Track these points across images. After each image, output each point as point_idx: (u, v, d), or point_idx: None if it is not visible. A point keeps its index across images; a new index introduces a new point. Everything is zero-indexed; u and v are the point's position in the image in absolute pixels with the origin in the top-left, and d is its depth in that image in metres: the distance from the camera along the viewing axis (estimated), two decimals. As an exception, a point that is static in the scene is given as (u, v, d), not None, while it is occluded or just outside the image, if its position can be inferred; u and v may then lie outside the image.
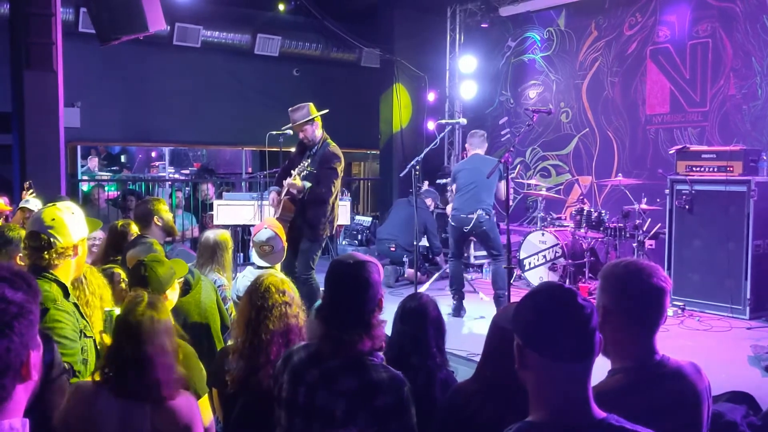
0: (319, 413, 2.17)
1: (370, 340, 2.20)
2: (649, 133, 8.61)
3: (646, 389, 1.92)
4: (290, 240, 5.76)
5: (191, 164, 14.52)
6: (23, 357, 1.28)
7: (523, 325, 1.62)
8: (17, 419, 1.29)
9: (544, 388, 1.58)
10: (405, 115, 10.94)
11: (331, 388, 2.16)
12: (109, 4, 6.09)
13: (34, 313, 1.32)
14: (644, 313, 1.98)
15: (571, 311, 1.56)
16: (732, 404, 3.48)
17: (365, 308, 2.22)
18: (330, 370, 2.19)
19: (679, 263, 6.87)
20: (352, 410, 2.11)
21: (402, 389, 2.15)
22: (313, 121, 5.73)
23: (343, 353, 2.19)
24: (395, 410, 2.12)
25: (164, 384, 2.25)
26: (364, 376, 2.14)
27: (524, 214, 9.70)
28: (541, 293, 1.65)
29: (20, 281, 1.32)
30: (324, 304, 2.30)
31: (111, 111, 10.36)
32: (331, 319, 2.22)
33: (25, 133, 6.72)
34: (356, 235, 10.22)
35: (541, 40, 9.93)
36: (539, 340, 1.57)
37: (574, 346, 1.55)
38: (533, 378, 1.60)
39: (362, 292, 2.22)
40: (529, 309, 1.62)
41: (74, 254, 2.69)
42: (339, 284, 2.27)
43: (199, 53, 10.61)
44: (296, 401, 2.23)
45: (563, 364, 1.55)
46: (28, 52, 6.57)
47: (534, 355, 1.57)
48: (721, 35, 7.85)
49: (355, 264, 2.26)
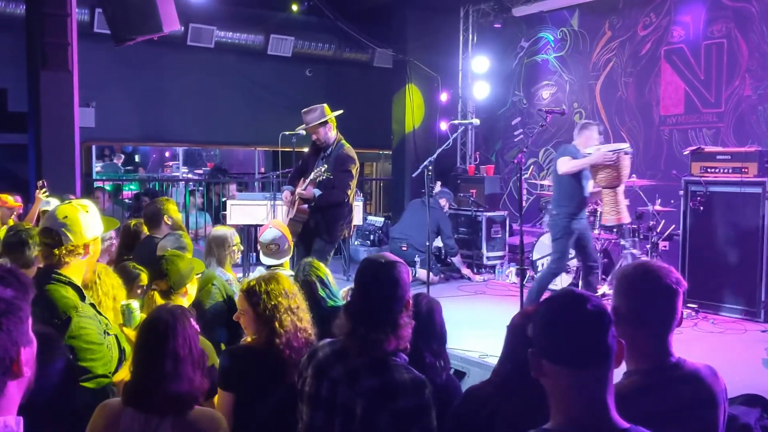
0: (340, 409, 2.19)
1: (396, 339, 2.21)
2: (663, 134, 8.56)
3: (662, 391, 1.91)
4: (304, 239, 5.79)
5: (204, 164, 14.58)
6: (13, 354, 1.28)
7: (535, 333, 1.63)
8: (11, 417, 1.30)
9: (560, 395, 1.58)
10: (417, 115, 10.94)
11: (353, 386, 2.17)
12: (124, 4, 6.13)
13: (24, 310, 1.32)
14: (657, 314, 1.97)
15: (580, 317, 1.56)
16: (746, 407, 3.45)
17: (394, 308, 2.23)
18: (354, 368, 2.20)
19: (693, 265, 6.81)
20: (373, 410, 2.12)
21: (423, 392, 2.16)
22: (326, 122, 5.70)
23: (368, 352, 2.20)
24: (416, 412, 2.13)
25: (186, 396, 2.21)
26: (387, 377, 2.16)
27: (537, 215, 9.67)
28: (554, 301, 1.65)
29: (10, 278, 1.33)
30: (353, 302, 2.32)
31: (125, 111, 10.43)
32: (359, 317, 2.24)
33: (41, 133, 6.77)
34: (368, 236, 10.23)
35: (554, 40, 9.89)
36: (550, 348, 1.58)
37: (586, 352, 1.55)
38: (550, 385, 1.60)
39: (392, 292, 2.24)
40: (541, 317, 1.63)
41: (85, 253, 2.68)
42: (370, 283, 2.29)
43: (213, 54, 10.66)
44: (319, 396, 2.25)
45: (577, 371, 1.55)
46: (44, 52, 6.62)
47: (547, 363, 1.57)
48: (737, 36, 7.79)
49: (387, 264, 2.29)
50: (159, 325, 2.28)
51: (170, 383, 2.18)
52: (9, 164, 10.15)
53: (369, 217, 10.68)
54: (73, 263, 2.65)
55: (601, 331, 1.56)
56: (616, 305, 2.00)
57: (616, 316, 1.96)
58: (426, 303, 3.01)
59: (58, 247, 2.61)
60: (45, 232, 2.66)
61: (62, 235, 2.61)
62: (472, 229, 9.12)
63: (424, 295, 3.15)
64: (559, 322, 1.58)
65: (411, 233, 8.44)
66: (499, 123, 10.66)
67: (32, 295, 1.38)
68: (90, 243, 2.70)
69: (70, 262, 2.64)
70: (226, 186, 10.50)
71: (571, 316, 1.57)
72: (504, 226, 9.26)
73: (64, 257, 2.62)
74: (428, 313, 2.97)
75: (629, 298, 1.99)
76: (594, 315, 1.56)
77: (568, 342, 1.55)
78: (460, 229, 9.33)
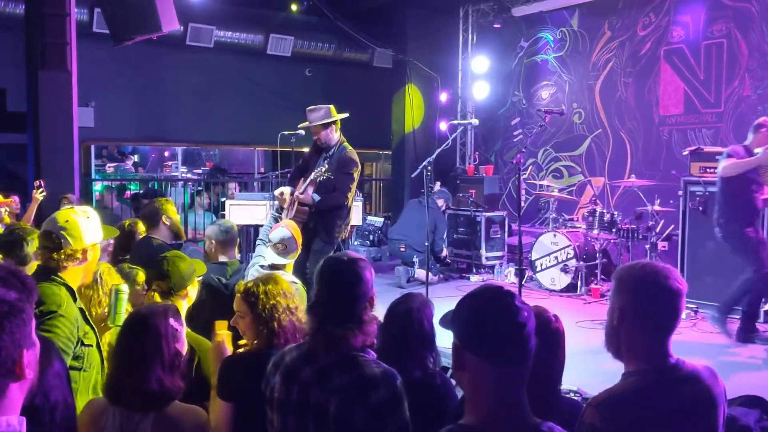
0: (313, 411, 2.18)
1: (362, 335, 2.21)
2: (662, 134, 8.56)
3: (661, 393, 1.90)
4: (303, 240, 5.78)
5: (204, 164, 14.59)
6: (15, 356, 1.28)
7: (460, 324, 1.65)
8: (14, 416, 1.29)
9: (478, 389, 1.62)
10: (417, 115, 10.94)
11: (324, 385, 2.16)
12: (123, 4, 6.12)
13: (26, 312, 1.32)
14: (661, 315, 1.96)
15: (508, 314, 1.60)
16: (745, 408, 3.45)
17: (357, 304, 2.23)
18: (323, 368, 2.19)
19: (693, 265, 6.81)
20: (346, 406, 2.12)
21: (395, 383, 2.16)
22: (329, 123, 5.65)
23: (336, 349, 2.20)
24: (389, 404, 2.13)
25: (167, 392, 2.21)
26: (357, 372, 2.15)
27: (536, 215, 9.68)
28: (480, 294, 1.68)
29: (14, 280, 1.32)
30: (316, 301, 2.30)
31: (124, 111, 10.42)
32: (323, 315, 2.23)
33: (40, 133, 6.76)
34: (368, 236, 10.23)
35: (554, 40, 9.89)
36: (475, 340, 1.61)
37: (509, 348, 1.59)
38: (468, 379, 1.63)
39: (354, 288, 2.24)
40: (467, 309, 1.65)
41: (83, 259, 2.68)
42: (332, 280, 2.29)
43: (212, 53, 10.65)
44: (289, 400, 2.23)
45: (497, 366, 1.59)
46: (43, 52, 6.61)
47: (470, 356, 1.61)
48: (737, 35, 7.79)
49: (348, 261, 2.29)
50: (135, 322, 2.30)
51: (140, 381, 2.19)
52: (8, 164, 10.15)
53: (368, 218, 10.68)
54: (70, 268, 2.66)
55: (527, 329, 1.59)
56: (619, 305, 1.99)
57: (617, 317, 1.97)
58: (404, 304, 2.98)
59: (57, 251, 2.62)
60: (45, 235, 2.66)
61: (62, 239, 2.61)
62: (471, 229, 9.12)
63: (410, 296, 3.11)
64: (486, 315, 1.61)
65: (409, 234, 8.44)
66: (499, 123, 10.66)
67: (35, 297, 1.38)
68: (88, 249, 2.70)
69: (68, 266, 2.65)
70: (225, 185, 10.50)
71: (500, 311, 1.60)
72: (503, 226, 9.26)
73: (63, 262, 2.63)
74: (405, 313, 2.94)
75: (632, 298, 1.98)
76: (521, 313, 1.60)
77: (497, 337, 1.59)
78: (459, 229, 9.33)
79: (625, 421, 1.85)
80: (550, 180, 9.38)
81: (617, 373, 1.99)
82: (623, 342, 1.98)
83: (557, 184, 9.23)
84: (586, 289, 7.71)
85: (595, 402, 1.90)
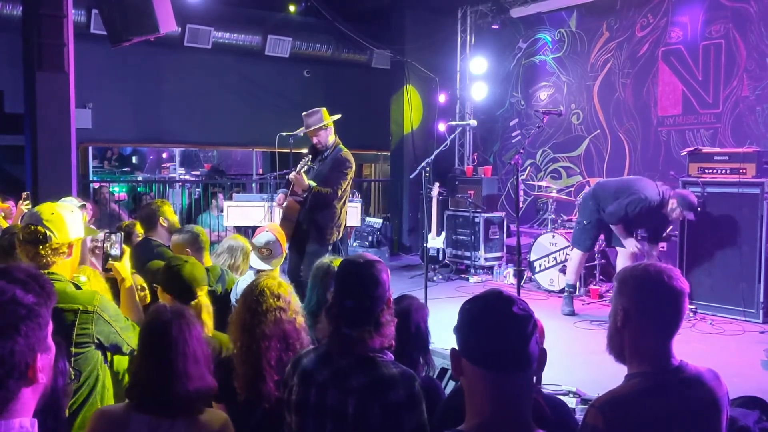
0: (330, 413, 2.17)
1: (380, 337, 2.21)
2: (660, 135, 8.56)
3: (665, 395, 1.89)
4: (296, 242, 5.79)
5: (202, 165, 14.57)
6: (29, 359, 1.27)
7: (456, 331, 1.60)
8: (27, 419, 1.29)
9: (477, 396, 1.57)
10: (416, 116, 10.93)
11: (342, 387, 2.16)
12: (120, 5, 6.11)
13: (43, 316, 1.31)
14: (664, 316, 1.96)
15: (502, 322, 1.54)
16: (745, 409, 3.44)
17: (375, 306, 2.23)
18: (340, 369, 2.19)
19: (692, 266, 6.81)
20: (364, 406, 2.11)
21: (413, 384, 2.15)
22: (326, 126, 5.76)
23: (353, 351, 2.20)
24: (407, 404, 2.12)
25: (199, 395, 2.15)
26: (375, 373, 2.15)
27: (535, 215, 9.67)
28: (478, 301, 1.62)
29: (33, 283, 1.32)
30: (333, 303, 2.29)
31: (122, 112, 10.40)
32: (340, 318, 2.23)
33: (37, 134, 6.74)
34: (367, 237, 10.22)
35: (552, 41, 9.88)
36: (471, 348, 1.56)
37: (506, 357, 1.53)
38: (466, 385, 1.59)
39: (372, 291, 2.23)
40: (462, 316, 1.60)
41: (68, 254, 2.61)
42: (349, 282, 2.28)
43: (210, 54, 10.63)
44: (307, 402, 2.23)
45: (496, 375, 1.53)
46: (40, 53, 6.59)
47: (466, 363, 1.56)
48: (735, 36, 7.79)
49: (365, 263, 2.29)
50: (164, 324, 2.21)
51: (182, 383, 2.12)
52: (5, 166, 10.12)
53: (368, 218, 10.66)
54: (60, 262, 2.58)
55: (523, 336, 1.53)
56: (622, 306, 1.98)
57: (620, 318, 1.96)
58: (401, 305, 2.95)
59: (42, 245, 2.53)
60: (27, 229, 2.55)
61: (47, 231, 2.52)
62: (470, 230, 9.11)
63: (401, 298, 3.10)
64: (481, 323, 1.56)
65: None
66: (497, 124, 10.65)
67: (54, 302, 1.37)
68: (74, 243, 2.63)
69: (57, 261, 2.57)
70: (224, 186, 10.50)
71: (494, 319, 1.55)
72: (502, 227, 9.26)
73: (50, 257, 2.54)
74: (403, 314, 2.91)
75: (636, 300, 1.97)
76: (518, 320, 1.54)
77: (488, 344, 1.54)
78: (458, 230, 9.32)
79: (627, 423, 1.84)
80: (549, 181, 9.37)
81: (616, 373, 1.98)
82: (627, 344, 1.97)
83: (556, 185, 9.22)
84: (585, 290, 7.70)
85: (597, 403, 1.89)
